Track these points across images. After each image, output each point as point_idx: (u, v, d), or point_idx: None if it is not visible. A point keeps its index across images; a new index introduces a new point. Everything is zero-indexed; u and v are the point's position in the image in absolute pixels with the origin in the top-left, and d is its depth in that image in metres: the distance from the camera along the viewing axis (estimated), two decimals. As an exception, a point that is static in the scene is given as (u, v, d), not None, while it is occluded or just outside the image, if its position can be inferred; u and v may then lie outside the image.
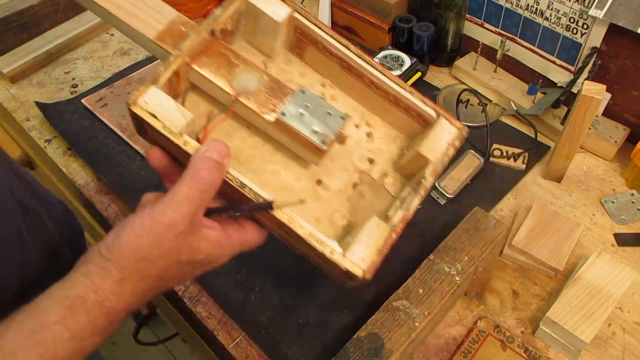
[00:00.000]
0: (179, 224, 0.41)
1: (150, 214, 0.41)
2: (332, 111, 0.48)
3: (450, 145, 0.50)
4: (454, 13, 0.91)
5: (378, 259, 0.45)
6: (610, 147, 0.81)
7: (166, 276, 0.44)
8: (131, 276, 0.42)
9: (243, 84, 0.48)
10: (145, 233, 0.41)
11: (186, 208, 0.41)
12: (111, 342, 1.66)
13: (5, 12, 1.01)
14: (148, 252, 0.41)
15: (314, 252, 0.46)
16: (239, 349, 0.64)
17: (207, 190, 0.42)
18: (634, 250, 0.71)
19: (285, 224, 0.44)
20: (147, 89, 0.44)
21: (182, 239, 0.42)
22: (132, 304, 0.43)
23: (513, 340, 0.62)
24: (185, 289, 0.69)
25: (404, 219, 0.47)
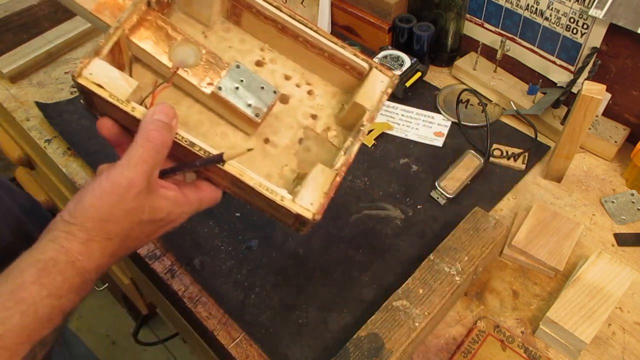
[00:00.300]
0: (137, 184, 0.43)
1: (109, 177, 0.43)
2: (265, 86, 0.51)
3: (384, 93, 0.53)
4: (454, 13, 0.91)
5: (325, 200, 0.48)
6: (610, 147, 0.81)
7: (132, 236, 0.46)
8: (97, 237, 0.43)
9: (181, 57, 0.50)
10: (106, 195, 0.43)
11: (142, 168, 0.43)
12: (111, 342, 1.66)
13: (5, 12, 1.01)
14: (111, 213, 0.43)
15: (266, 202, 0.48)
16: (239, 349, 0.64)
17: (160, 150, 0.44)
18: (634, 250, 0.71)
19: (237, 177, 0.46)
20: (90, 61, 0.46)
21: (141, 198, 0.44)
22: (102, 264, 0.45)
23: (513, 340, 0.62)
24: (185, 288, 0.69)
25: (346, 163, 0.50)
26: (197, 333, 0.87)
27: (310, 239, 0.73)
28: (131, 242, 0.46)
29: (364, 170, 0.81)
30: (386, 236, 0.73)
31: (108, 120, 0.48)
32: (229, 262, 0.71)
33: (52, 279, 0.41)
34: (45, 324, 0.41)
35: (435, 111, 0.90)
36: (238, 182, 0.47)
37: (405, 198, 0.78)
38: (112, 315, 1.71)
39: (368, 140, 0.85)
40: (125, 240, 0.45)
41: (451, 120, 0.88)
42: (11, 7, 1.02)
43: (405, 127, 0.88)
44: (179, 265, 0.72)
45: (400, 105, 0.91)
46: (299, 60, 0.57)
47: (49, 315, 0.41)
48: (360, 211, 0.76)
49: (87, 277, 0.43)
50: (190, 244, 0.73)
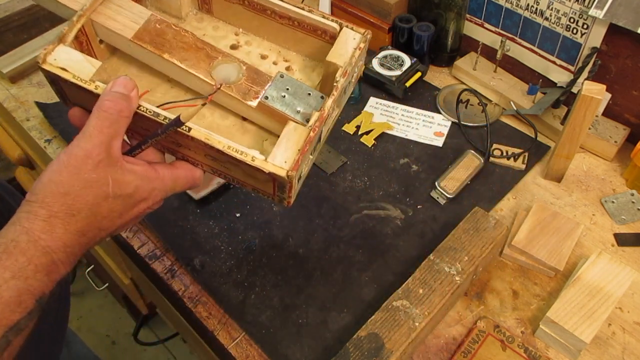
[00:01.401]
0: (94, 154, 0.42)
1: (66, 151, 0.43)
2: (311, 92, 0.51)
3: (357, 49, 0.52)
4: (454, 13, 0.91)
5: (299, 156, 0.46)
6: (610, 147, 0.81)
7: (100, 213, 0.44)
8: (59, 213, 0.42)
9: (224, 75, 0.51)
10: (64, 167, 0.42)
11: (97, 138, 0.43)
12: (111, 342, 1.66)
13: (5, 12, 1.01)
14: (70, 185, 0.42)
15: (241, 168, 0.47)
16: (239, 349, 0.64)
17: (116, 119, 0.44)
18: (634, 250, 0.71)
19: (203, 141, 0.46)
20: (54, 48, 0.47)
21: (102, 170, 0.43)
22: (69, 242, 0.43)
23: (513, 340, 0.62)
24: (185, 288, 0.69)
25: (320, 118, 0.48)
26: (197, 333, 0.86)
27: (310, 239, 0.73)
28: (101, 220, 0.44)
29: (364, 170, 0.81)
30: (386, 236, 0.73)
31: (78, 109, 0.48)
32: (229, 262, 0.71)
33: (14, 260, 0.40)
34: (15, 307, 0.39)
35: (435, 111, 0.90)
36: (208, 149, 0.47)
37: (405, 198, 0.78)
38: (112, 315, 1.71)
39: (368, 140, 0.85)
40: (92, 217, 0.43)
41: (451, 120, 0.88)
42: (11, 7, 1.02)
43: (405, 127, 0.88)
44: (179, 265, 0.72)
45: (400, 105, 0.91)
46: (274, 39, 0.57)
47: (17, 299, 0.39)
48: (360, 211, 0.76)
49: (54, 257, 0.42)
50: (190, 244, 0.73)
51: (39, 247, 0.41)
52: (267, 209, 0.77)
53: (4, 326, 0.39)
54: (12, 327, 0.39)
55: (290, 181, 0.46)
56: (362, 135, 0.86)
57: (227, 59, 0.51)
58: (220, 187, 0.79)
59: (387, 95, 0.93)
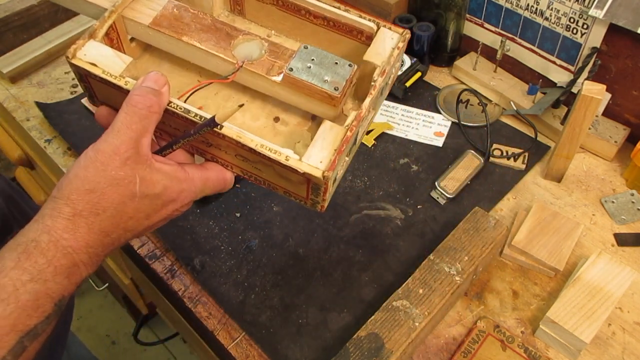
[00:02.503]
0: (122, 150, 0.41)
1: (93, 146, 0.41)
2: (339, 61, 0.48)
3: (395, 48, 0.50)
4: (454, 13, 0.91)
5: (336, 156, 0.44)
6: (610, 147, 0.81)
7: (125, 213, 0.42)
8: (83, 211, 0.40)
9: (245, 53, 0.49)
10: (91, 163, 0.41)
11: (126, 134, 0.41)
12: (111, 342, 1.66)
13: (5, 12, 1.01)
14: (96, 182, 0.40)
15: (274, 169, 0.45)
16: (239, 349, 0.64)
17: (146, 115, 0.42)
18: (634, 250, 0.71)
19: (235, 139, 0.44)
20: (84, 43, 0.46)
21: (130, 167, 0.41)
22: (92, 243, 0.41)
23: (513, 340, 0.62)
24: (185, 288, 0.69)
25: (357, 117, 0.46)
26: (197, 333, 0.86)
27: (310, 239, 0.73)
28: (127, 221, 0.42)
29: (364, 170, 0.81)
30: (386, 236, 0.73)
31: (105, 108, 0.47)
32: (229, 262, 0.71)
33: (33, 261, 0.38)
34: (32, 312, 0.38)
35: (435, 111, 0.90)
36: (240, 148, 0.45)
37: (405, 198, 0.78)
38: (112, 315, 1.71)
39: (368, 140, 0.85)
40: (118, 217, 0.42)
41: (451, 120, 0.88)
42: (11, 7, 1.02)
43: (405, 127, 0.88)
44: (179, 265, 0.72)
45: (400, 105, 0.91)
46: (307, 40, 0.55)
47: (34, 302, 0.38)
48: (360, 211, 0.76)
49: (75, 258, 0.40)
50: (190, 244, 0.73)
51: (60, 247, 0.39)
52: (267, 209, 0.77)
53: (19, 331, 0.37)
54: (28, 332, 0.38)
55: (326, 182, 0.44)
56: (362, 135, 0.86)
57: (248, 37, 0.50)
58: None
59: (387, 95, 0.93)
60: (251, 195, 0.78)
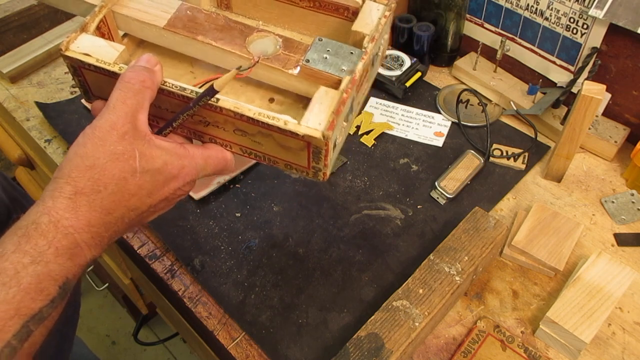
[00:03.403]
0: (118, 125, 0.41)
1: (90, 124, 0.42)
2: (354, 51, 0.49)
3: (382, 17, 0.52)
4: (454, 13, 0.91)
5: (334, 117, 0.45)
6: (610, 147, 0.81)
7: (126, 189, 0.42)
8: (84, 188, 0.40)
9: (260, 48, 0.50)
10: (89, 140, 0.41)
11: (121, 109, 0.42)
12: (111, 342, 1.66)
13: (5, 13, 1.01)
14: (95, 158, 0.40)
15: (273, 138, 0.46)
16: (239, 349, 0.64)
17: (139, 89, 0.43)
18: (634, 250, 0.71)
19: (233, 110, 0.45)
20: (77, 36, 0.48)
21: (128, 142, 0.41)
22: (94, 222, 0.41)
23: (513, 340, 0.62)
24: (185, 288, 0.69)
25: (352, 81, 0.47)
26: (197, 333, 0.86)
27: (310, 239, 0.73)
28: (129, 198, 0.42)
29: (364, 170, 0.81)
30: (386, 236, 0.73)
31: (101, 102, 0.47)
32: (229, 262, 0.71)
33: (33, 244, 0.38)
34: (35, 295, 0.37)
35: (435, 111, 0.90)
36: (238, 121, 0.46)
37: (405, 198, 0.78)
38: (112, 315, 1.71)
39: (368, 140, 0.85)
40: (119, 194, 0.41)
41: (451, 120, 0.88)
42: (11, 7, 1.02)
43: (405, 127, 0.88)
44: (179, 265, 0.72)
45: (400, 105, 0.91)
46: (295, 26, 0.57)
47: (37, 285, 0.37)
48: (360, 211, 0.76)
49: (77, 238, 0.39)
50: (190, 244, 0.73)
51: (60, 227, 0.39)
52: (267, 209, 0.77)
53: (23, 315, 0.37)
54: (33, 316, 0.37)
55: (327, 144, 0.44)
56: (362, 135, 0.86)
57: (262, 33, 0.51)
58: (220, 187, 0.79)
59: (387, 95, 0.93)
60: (251, 195, 0.78)
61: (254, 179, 0.80)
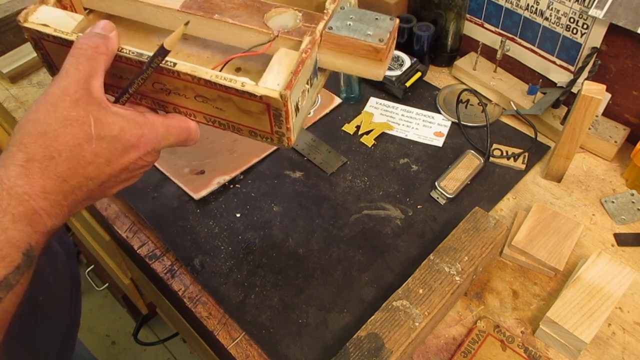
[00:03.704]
0: (71, 91, 0.40)
1: (46, 90, 0.41)
2: (379, 17, 0.47)
3: None
4: (454, 13, 0.91)
5: (292, 77, 0.43)
6: (610, 147, 0.81)
7: (82, 157, 0.41)
8: (36, 154, 0.39)
9: (280, 23, 0.49)
10: (41, 106, 0.40)
11: (74, 75, 0.41)
12: (111, 342, 1.66)
13: (5, 13, 1.01)
14: (47, 124, 0.39)
15: (230, 99, 0.45)
16: (239, 349, 0.64)
17: (92, 55, 0.42)
18: (634, 250, 0.71)
19: (190, 74, 0.44)
20: (36, 8, 0.48)
21: (82, 108, 0.40)
22: (49, 189, 0.39)
23: (513, 340, 0.62)
24: (185, 288, 0.69)
25: (312, 42, 0.46)
26: (197, 333, 0.87)
27: (310, 239, 0.73)
28: (85, 166, 0.41)
29: (364, 170, 0.81)
30: (386, 236, 0.73)
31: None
32: (229, 262, 0.71)
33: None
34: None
35: (435, 111, 0.90)
36: (197, 85, 0.45)
37: (405, 198, 0.78)
38: (112, 315, 1.71)
39: (368, 140, 0.85)
40: (74, 161, 0.40)
41: (451, 120, 0.88)
42: (11, 7, 1.02)
43: (405, 127, 0.88)
44: (179, 265, 0.72)
45: (400, 105, 0.91)
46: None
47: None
48: (360, 211, 0.76)
49: (33, 205, 0.38)
50: (190, 244, 0.73)
51: (14, 194, 0.38)
52: (267, 209, 0.77)
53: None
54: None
55: (286, 104, 0.43)
56: (362, 135, 0.86)
57: (281, 9, 0.49)
58: (220, 187, 0.79)
59: (387, 95, 0.93)
60: (251, 195, 0.78)
61: (254, 179, 0.80)
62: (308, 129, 0.87)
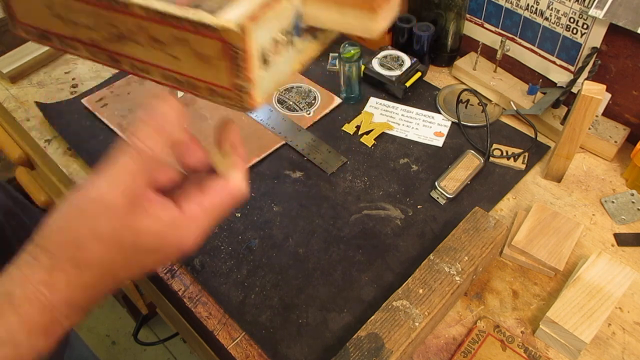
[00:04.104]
0: (109, 198, 0.35)
1: (81, 190, 0.35)
2: None
3: None
4: (454, 13, 0.91)
5: (260, 11, 0.35)
6: (610, 147, 0.81)
7: (113, 268, 0.37)
8: (63, 265, 0.35)
9: None
10: (74, 214, 0.35)
11: (121, 178, 0.35)
12: (111, 342, 1.66)
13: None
14: (78, 237, 0.35)
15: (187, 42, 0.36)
16: (239, 349, 0.64)
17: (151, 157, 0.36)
18: (634, 250, 0.71)
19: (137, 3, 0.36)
20: None
21: (119, 220, 0.35)
22: (74, 297, 0.36)
23: (513, 340, 0.62)
24: (185, 288, 0.69)
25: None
26: (197, 333, 0.87)
27: (310, 239, 0.73)
28: (116, 273, 0.37)
29: (364, 170, 0.81)
30: (386, 236, 0.73)
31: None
32: (229, 262, 0.71)
33: (5, 321, 0.33)
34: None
35: (435, 111, 0.90)
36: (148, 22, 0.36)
37: (405, 198, 0.78)
38: (112, 315, 1.71)
39: (368, 140, 0.85)
40: (105, 272, 0.37)
41: (451, 120, 0.88)
42: (11, 7, 1.02)
43: (405, 127, 0.88)
44: (179, 265, 0.72)
45: (400, 105, 0.91)
46: None
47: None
48: (360, 211, 0.76)
49: (54, 314, 0.35)
50: (190, 244, 0.73)
51: (35, 302, 0.34)
52: (267, 209, 0.77)
53: None
54: None
55: (245, 38, 0.33)
56: (362, 135, 0.86)
57: None
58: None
59: (387, 95, 0.93)
60: (251, 195, 0.78)
61: (254, 179, 0.80)
62: (308, 129, 0.87)
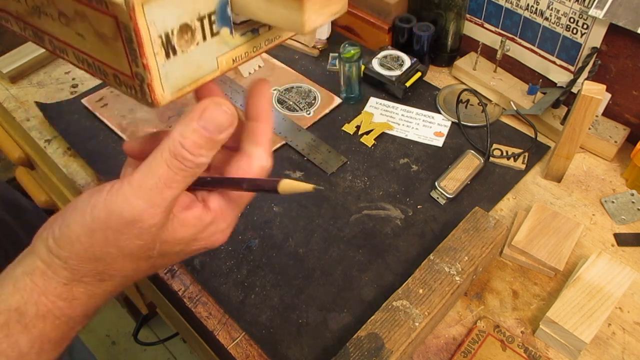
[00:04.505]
0: (146, 218, 0.31)
1: (107, 201, 0.31)
2: None
3: None
4: (454, 13, 0.91)
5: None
6: (610, 147, 0.81)
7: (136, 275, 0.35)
8: (85, 278, 0.32)
9: None
10: (99, 228, 0.31)
11: (159, 198, 0.31)
12: (111, 342, 1.66)
13: (5, 12, 1.01)
14: (105, 253, 0.32)
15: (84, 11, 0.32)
16: (239, 349, 0.64)
17: (194, 173, 0.32)
18: (634, 250, 0.71)
19: None
20: None
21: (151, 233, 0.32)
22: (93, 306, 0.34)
23: (513, 340, 0.62)
24: (185, 288, 0.69)
25: None
26: (197, 333, 0.87)
27: (310, 239, 0.73)
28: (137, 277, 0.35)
29: (364, 170, 0.81)
30: (386, 236, 0.73)
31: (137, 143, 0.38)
32: (229, 262, 0.71)
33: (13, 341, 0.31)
34: None
35: (435, 111, 0.90)
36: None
37: (405, 198, 0.78)
38: (112, 315, 1.71)
39: (368, 140, 0.85)
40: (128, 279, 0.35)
41: (451, 120, 0.88)
42: (11, 7, 1.02)
43: (405, 127, 0.88)
44: (179, 265, 0.72)
45: (400, 105, 0.91)
46: None
47: None
48: (360, 211, 0.76)
49: (71, 325, 0.33)
50: (190, 244, 0.73)
51: (50, 318, 0.32)
52: (267, 209, 0.77)
53: None
54: None
55: (134, 16, 0.29)
56: (362, 135, 0.86)
57: None
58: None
59: (387, 95, 0.93)
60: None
61: (254, 179, 0.80)
62: (308, 129, 0.87)
